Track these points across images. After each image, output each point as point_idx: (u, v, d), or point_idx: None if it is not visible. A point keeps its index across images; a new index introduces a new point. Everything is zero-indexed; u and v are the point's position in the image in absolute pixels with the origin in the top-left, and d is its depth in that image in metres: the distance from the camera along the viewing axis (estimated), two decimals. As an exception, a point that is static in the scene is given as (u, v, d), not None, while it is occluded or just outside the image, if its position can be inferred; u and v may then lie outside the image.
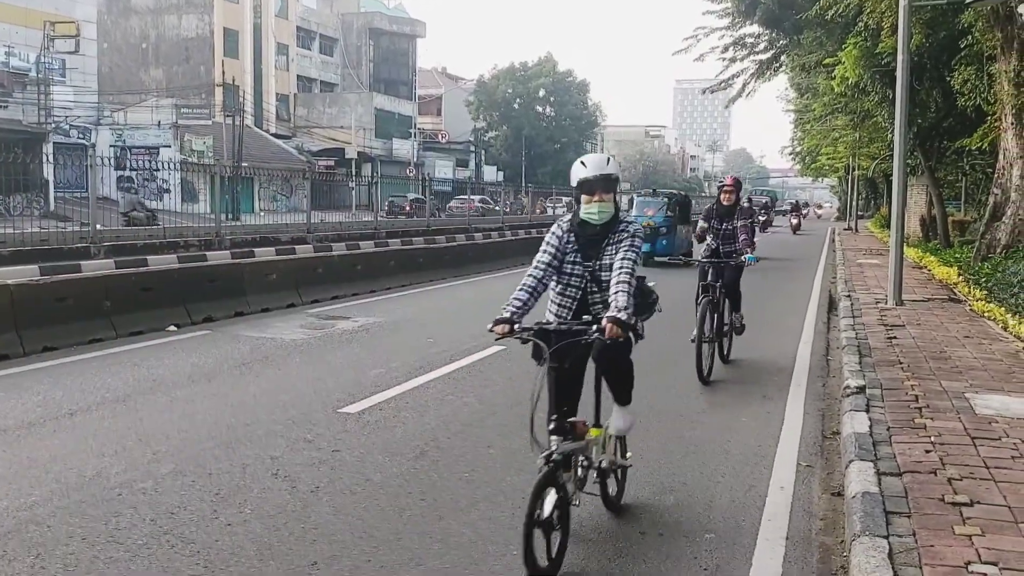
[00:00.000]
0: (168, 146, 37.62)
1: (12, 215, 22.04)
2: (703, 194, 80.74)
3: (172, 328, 9.79)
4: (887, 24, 14.61)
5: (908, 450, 4.92)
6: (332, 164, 45.74)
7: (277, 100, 50.96)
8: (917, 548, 3.56)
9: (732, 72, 24.25)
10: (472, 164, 63.58)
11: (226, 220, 23.81)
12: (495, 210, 43.34)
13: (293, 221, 25.18)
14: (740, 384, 7.48)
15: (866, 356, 7.85)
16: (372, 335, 9.81)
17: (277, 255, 16.06)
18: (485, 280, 16.80)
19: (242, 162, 34.23)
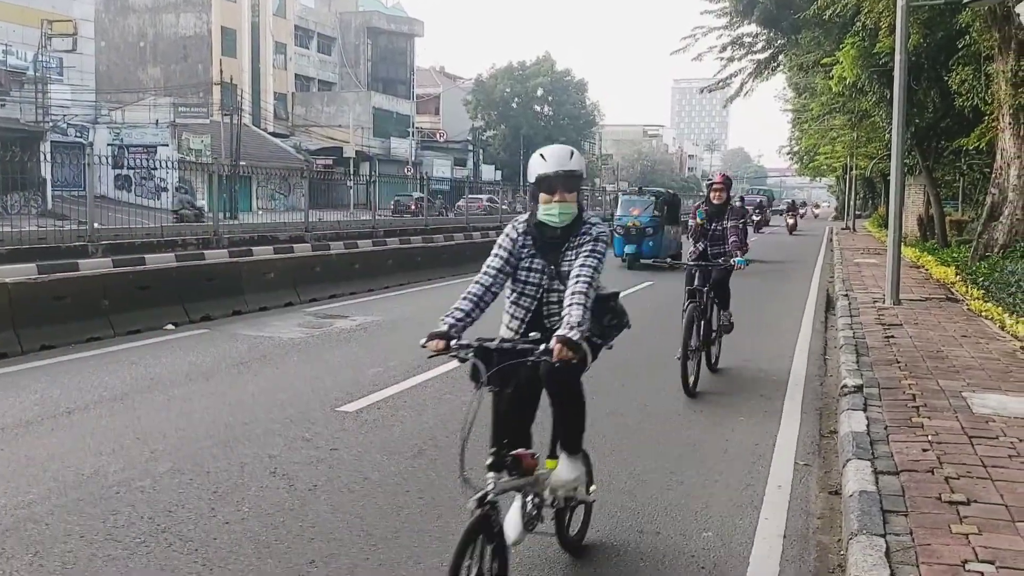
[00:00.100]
0: (166, 145, 37.58)
1: (10, 214, 21.99)
2: (700, 193, 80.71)
3: (170, 327, 9.79)
4: (885, 24, 14.64)
5: (905, 449, 4.93)
6: (330, 163, 45.67)
7: (275, 99, 50.95)
8: (914, 547, 3.57)
9: (730, 71, 24.32)
10: (470, 163, 63.54)
11: (224, 219, 23.79)
12: (503, 209, 43.42)
13: (291, 220, 25.15)
14: (738, 384, 7.49)
15: (863, 355, 7.87)
16: (370, 334, 9.81)
17: (275, 254, 16.02)
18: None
19: (240, 161, 34.23)
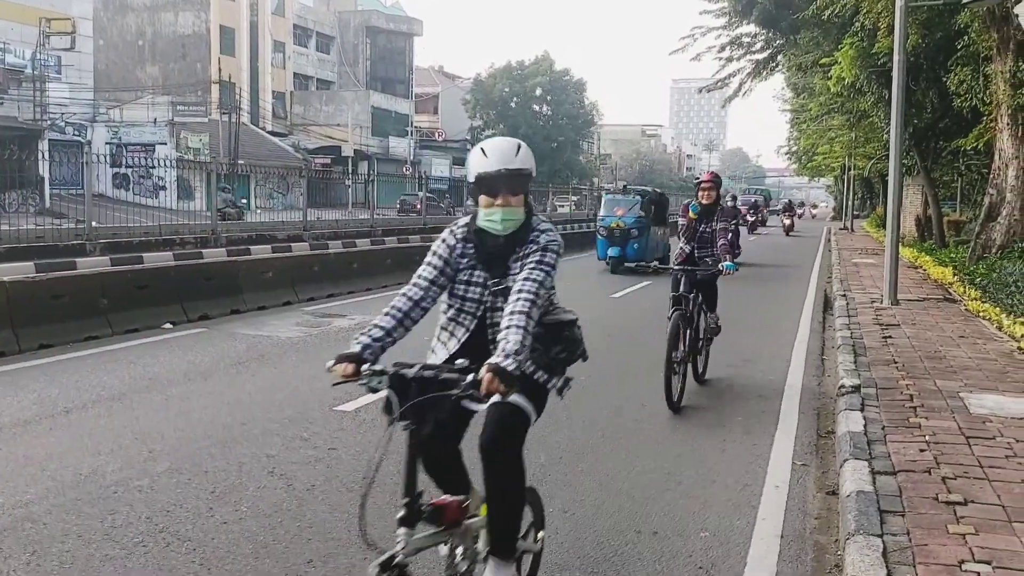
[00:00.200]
0: (164, 143, 37.57)
1: (7, 212, 21.96)
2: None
3: (168, 326, 9.78)
4: (883, 24, 14.66)
5: (903, 449, 4.94)
6: (328, 162, 45.65)
7: (273, 98, 50.91)
8: (911, 547, 3.58)
9: (729, 71, 24.34)
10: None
11: (222, 218, 23.77)
12: None
13: (289, 219, 25.14)
14: (736, 384, 7.49)
15: (861, 355, 7.88)
16: (368, 333, 9.78)
17: (273, 253, 16.00)
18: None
19: (238, 159, 34.22)
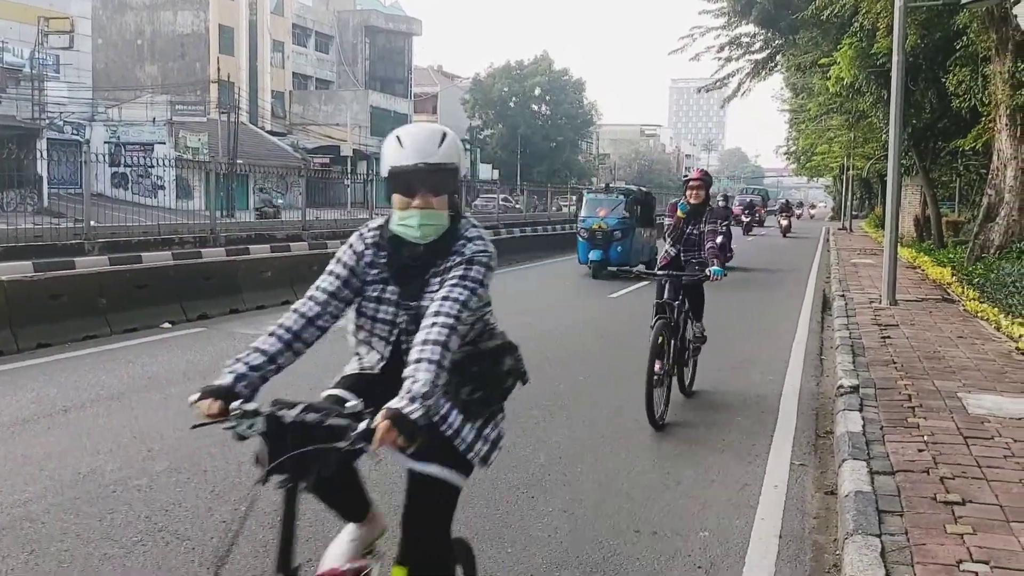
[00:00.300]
0: (163, 143, 37.55)
1: (6, 211, 21.94)
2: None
3: (167, 325, 9.78)
4: (883, 25, 14.67)
5: (901, 449, 4.95)
6: (327, 161, 45.62)
7: (272, 97, 50.86)
8: (909, 546, 3.59)
9: (728, 71, 24.36)
10: (467, 162, 63.54)
11: (221, 217, 23.77)
12: (517, 208, 43.83)
13: (288, 218, 25.14)
14: (735, 385, 7.50)
15: (860, 356, 7.89)
16: (367, 333, 9.78)
17: (272, 252, 16.01)
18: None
19: (237, 159, 34.17)
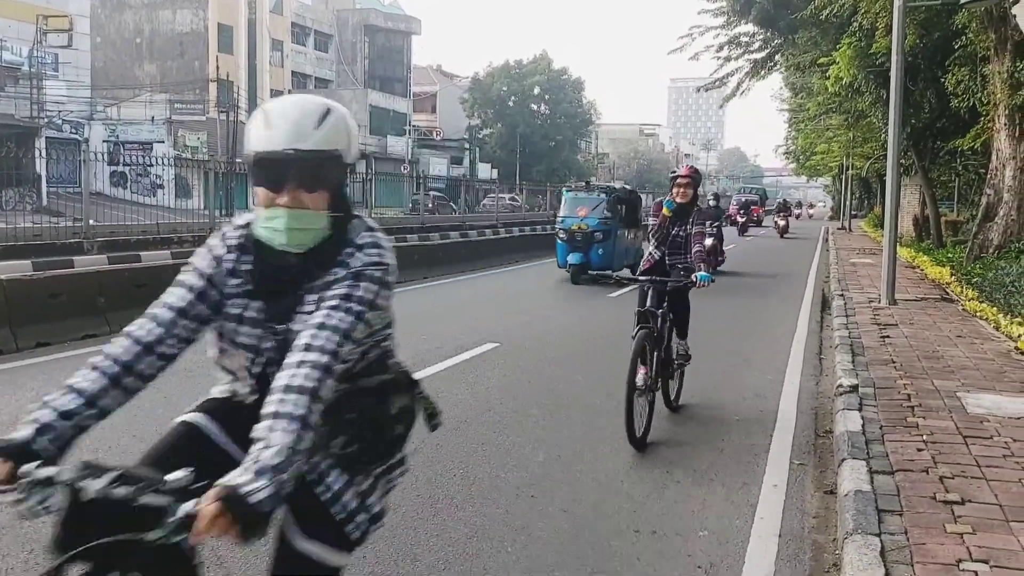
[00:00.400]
0: (162, 141, 37.56)
1: (4, 210, 21.94)
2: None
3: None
4: (881, 24, 14.69)
5: (900, 449, 4.95)
6: (326, 161, 45.57)
7: (272, 96, 50.81)
8: (909, 546, 3.59)
9: (727, 71, 24.44)
10: (466, 161, 63.52)
11: (220, 216, 23.74)
12: (525, 207, 44.02)
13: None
14: (733, 385, 7.51)
15: (859, 355, 7.90)
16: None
17: (271, 251, 15.99)
18: (479, 277, 16.85)
19: (236, 158, 34.14)
